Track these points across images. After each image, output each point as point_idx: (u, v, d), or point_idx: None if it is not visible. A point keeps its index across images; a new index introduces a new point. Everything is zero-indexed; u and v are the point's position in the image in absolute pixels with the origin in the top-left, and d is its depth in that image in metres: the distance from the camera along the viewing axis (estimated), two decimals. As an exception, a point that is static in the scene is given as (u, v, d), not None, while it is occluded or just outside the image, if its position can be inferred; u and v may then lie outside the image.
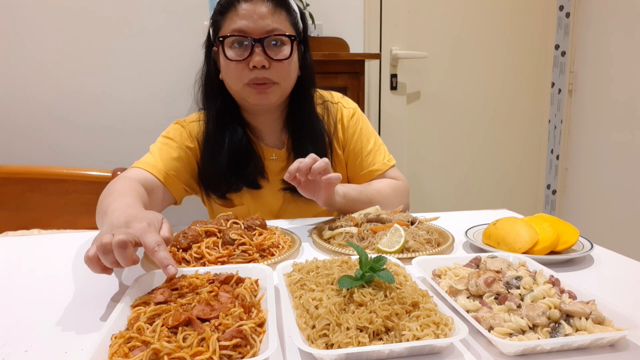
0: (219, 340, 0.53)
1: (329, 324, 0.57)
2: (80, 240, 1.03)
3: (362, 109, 2.02)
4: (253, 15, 1.05)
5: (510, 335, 0.58)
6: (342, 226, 1.00)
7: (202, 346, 0.52)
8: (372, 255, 0.68)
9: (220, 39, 1.07)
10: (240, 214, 1.18)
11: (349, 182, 1.30)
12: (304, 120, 1.19)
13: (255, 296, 0.67)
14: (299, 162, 0.95)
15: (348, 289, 0.62)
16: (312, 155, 0.96)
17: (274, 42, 1.07)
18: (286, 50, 1.09)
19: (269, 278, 0.70)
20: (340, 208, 1.09)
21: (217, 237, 0.90)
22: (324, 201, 1.03)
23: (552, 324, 0.59)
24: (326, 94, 1.30)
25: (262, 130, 1.22)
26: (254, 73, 1.07)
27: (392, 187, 1.22)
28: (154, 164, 1.12)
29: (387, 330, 0.57)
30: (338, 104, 1.28)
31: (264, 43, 1.05)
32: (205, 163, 1.18)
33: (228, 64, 1.08)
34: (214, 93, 1.17)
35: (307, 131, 1.19)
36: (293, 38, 1.09)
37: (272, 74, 1.09)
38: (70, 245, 0.99)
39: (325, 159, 0.96)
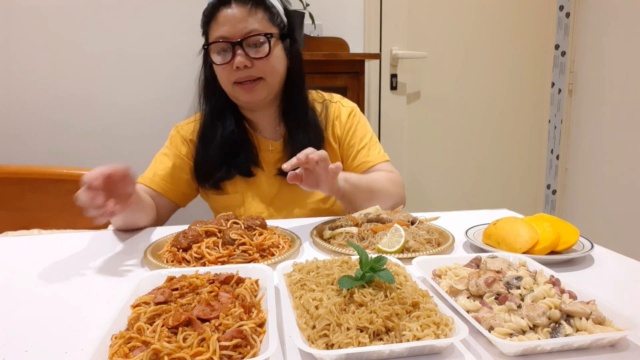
0: (219, 341, 0.53)
1: (329, 324, 0.57)
2: (80, 241, 1.03)
3: (362, 109, 2.02)
4: (231, 20, 1.11)
5: (511, 335, 0.58)
6: (342, 226, 1.00)
7: (203, 346, 0.52)
8: (372, 255, 0.68)
9: (206, 47, 1.15)
10: (235, 202, 1.25)
11: None
12: (298, 110, 1.24)
13: (255, 296, 0.67)
14: (297, 155, 0.96)
15: (348, 289, 0.62)
16: (309, 148, 0.97)
17: (254, 44, 1.13)
18: (265, 48, 1.14)
19: (269, 278, 0.70)
20: (344, 193, 1.10)
21: (217, 237, 0.90)
22: (328, 189, 1.04)
23: (552, 324, 0.59)
24: (326, 94, 1.35)
25: (259, 124, 1.28)
26: (239, 73, 1.14)
27: (388, 177, 1.24)
28: (151, 177, 1.24)
29: (388, 330, 0.57)
30: (337, 103, 1.33)
31: (244, 44, 1.12)
32: (198, 155, 1.25)
33: (216, 68, 1.16)
34: (210, 93, 1.24)
35: (302, 122, 1.24)
36: (269, 36, 1.14)
37: (256, 71, 1.15)
38: (70, 245, 0.99)
39: (323, 151, 0.97)
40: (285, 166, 0.95)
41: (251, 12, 1.12)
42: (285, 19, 1.19)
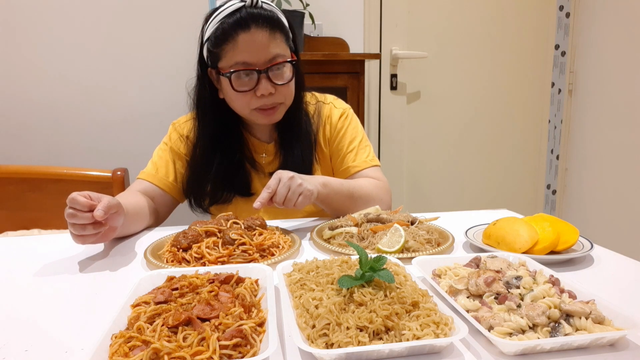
0: (219, 340, 0.53)
1: (329, 324, 0.57)
2: (80, 240, 1.03)
3: (362, 109, 2.03)
4: (253, 46, 1.07)
5: (510, 334, 0.58)
6: (342, 226, 1.00)
7: (202, 346, 0.52)
8: (372, 255, 0.68)
9: (227, 74, 1.08)
10: (226, 199, 1.24)
11: None
12: (292, 118, 1.23)
13: (255, 296, 0.67)
14: (268, 192, 0.98)
15: (348, 289, 0.62)
16: (269, 186, 0.98)
17: (278, 69, 1.11)
18: (288, 73, 1.13)
19: (269, 278, 0.70)
20: (323, 198, 1.09)
21: (217, 237, 0.90)
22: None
23: (552, 324, 0.59)
24: (320, 96, 1.34)
25: (255, 128, 1.28)
26: (262, 100, 1.12)
27: (373, 184, 1.22)
28: (153, 174, 1.22)
29: (387, 329, 0.57)
30: (329, 104, 1.32)
31: (269, 72, 1.09)
32: (190, 182, 1.23)
33: (235, 94, 1.11)
34: (209, 113, 1.20)
35: (294, 129, 1.24)
36: (294, 62, 1.13)
37: (278, 97, 1.13)
38: (70, 245, 0.99)
39: (285, 187, 0.98)
40: (256, 205, 0.96)
41: (271, 36, 1.08)
42: (291, 35, 1.17)
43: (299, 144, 1.22)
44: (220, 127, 1.20)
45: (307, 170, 1.22)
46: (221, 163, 1.20)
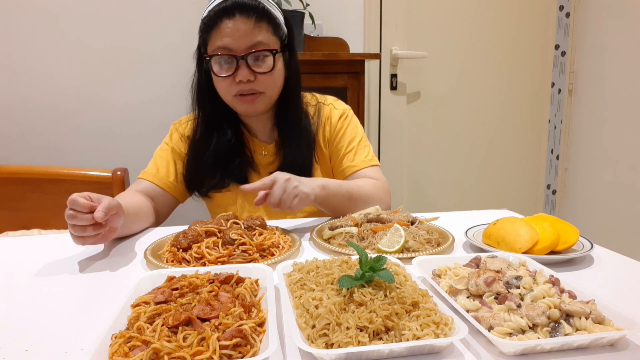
0: (219, 340, 0.53)
1: (329, 324, 0.57)
2: (80, 240, 1.03)
3: (362, 109, 2.03)
4: (236, 32, 1.09)
5: (510, 334, 0.58)
6: (342, 226, 1.00)
7: (202, 346, 0.52)
8: (372, 255, 0.68)
9: (208, 58, 1.13)
10: (229, 201, 1.26)
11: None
12: (291, 118, 1.24)
13: (255, 296, 0.67)
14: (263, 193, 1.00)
15: (348, 289, 0.62)
16: (264, 182, 0.99)
17: (258, 57, 1.12)
18: (269, 62, 1.13)
19: (269, 278, 0.70)
20: (321, 200, 1.09)
21: (217, 237, 0.90)
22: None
23: (552, 324, 0.59)
24: (320, 97, 1.35)
25: (254, 127, 1.28)
26: (241, 86, 1.13)
27: (373, 184, 1.22)
28: (154, 173, 1.24)
29: (387, 329, 0.57)
30: (329, 105, 1.33)
31: (248, 59, 1.10)
32: (190, 164, 1.25)
33: (217, 79, 1.15)
34: (205, 99, 1.22)
35: (294, 128, 1.24)
36: (275, 52, 1.13)
37: (258, 85, 1.14)
38: (70, 245, 0.99)
39: (276, 194, 0.98)
40: (257, 201, 0.98)
41: (256, 24, 1.09)
42: (285, 30, 1.17)
43: (299, 144, 1.23)
44: (215, 110, 1.22)
45: (307, 170, 1.22)
46: (217, 145, 1.22)
